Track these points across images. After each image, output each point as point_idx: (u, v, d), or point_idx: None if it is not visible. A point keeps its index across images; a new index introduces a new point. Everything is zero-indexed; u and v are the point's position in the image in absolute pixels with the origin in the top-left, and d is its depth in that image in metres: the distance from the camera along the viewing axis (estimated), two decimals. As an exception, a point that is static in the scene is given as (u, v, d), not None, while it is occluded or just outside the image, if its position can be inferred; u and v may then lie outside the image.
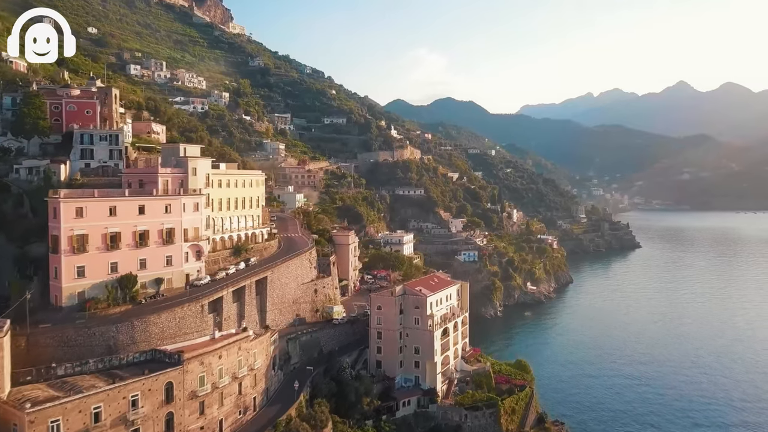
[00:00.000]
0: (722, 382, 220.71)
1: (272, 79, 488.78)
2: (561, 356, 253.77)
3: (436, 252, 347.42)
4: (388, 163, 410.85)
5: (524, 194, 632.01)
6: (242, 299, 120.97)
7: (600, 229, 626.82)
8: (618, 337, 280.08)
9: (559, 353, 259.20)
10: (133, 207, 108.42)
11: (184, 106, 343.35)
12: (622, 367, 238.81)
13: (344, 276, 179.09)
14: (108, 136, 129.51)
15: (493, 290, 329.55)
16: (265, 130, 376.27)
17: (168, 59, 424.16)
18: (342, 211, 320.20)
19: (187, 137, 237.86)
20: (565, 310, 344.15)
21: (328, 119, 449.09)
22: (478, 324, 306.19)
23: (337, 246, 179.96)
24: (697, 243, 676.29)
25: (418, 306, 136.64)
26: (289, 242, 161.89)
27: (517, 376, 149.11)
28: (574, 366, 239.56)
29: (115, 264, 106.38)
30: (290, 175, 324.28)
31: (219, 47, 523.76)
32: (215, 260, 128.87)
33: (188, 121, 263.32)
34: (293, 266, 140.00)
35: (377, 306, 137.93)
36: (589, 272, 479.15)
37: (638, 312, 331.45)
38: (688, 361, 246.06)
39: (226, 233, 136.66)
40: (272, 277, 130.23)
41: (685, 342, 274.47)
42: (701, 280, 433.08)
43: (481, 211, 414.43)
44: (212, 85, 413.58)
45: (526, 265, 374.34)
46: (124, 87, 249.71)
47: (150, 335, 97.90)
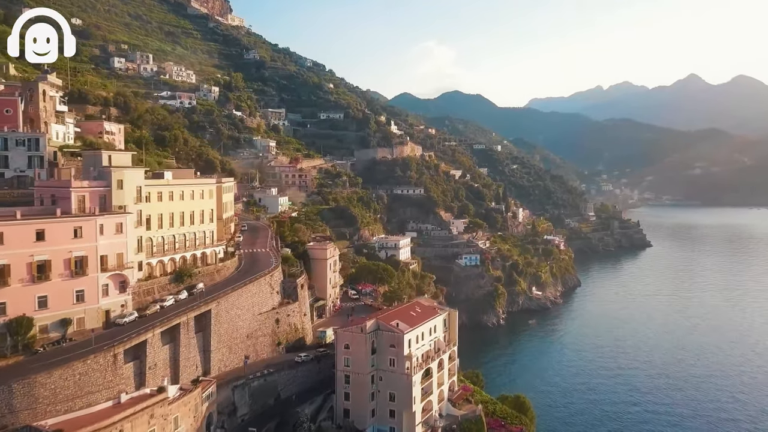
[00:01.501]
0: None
1: (267, 73, 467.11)
2: (567, 375, 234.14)
3: (436, 255, 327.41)
4: (387, 161, 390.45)
5: (531, 191, 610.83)
6: (177, 340, 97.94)
7: (609, 227, 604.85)
8: (629, 352, 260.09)
9: (566, 370, 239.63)
10: (28, 232, 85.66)
11: (170, 101, 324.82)
12: (635, 390, 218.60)
13: (322, 295, 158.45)
14: (26, 141, 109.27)
15: (496, 296, 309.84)
16: (256, 126, 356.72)
17: (157, 52, 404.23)
18: (335, 212, 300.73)
19: (160, 136, 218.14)
20: (572, 317, 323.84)
21: (325, 114, 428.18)
22: (478, 333, 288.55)
23: (312, 261, 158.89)
24: (710, 242, 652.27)
25: (393, 344, 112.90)
26: (253, 260, 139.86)
27: (514, 420, 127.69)
28: (582, 388, 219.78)
29: (3, 305, 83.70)
30: (280, 175, 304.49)
31: (213, 39, 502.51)
32: (148, 290, 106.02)
33: (163, 118, 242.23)
34: (248, 293, 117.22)
35: (344, 344, 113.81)
36: (597, 274, 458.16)
37: (650, 321, 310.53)
38: (711, 383, 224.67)
39: (167, 256, 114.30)
40: (219, 310, 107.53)
41: (704, 357, 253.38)
42: (715, 283, 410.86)
43: (484, 211, 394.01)
44: (202, 79, 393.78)
45: (532, 269, 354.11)
46: (93, 81, 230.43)
47: (36, 401, 73.83)
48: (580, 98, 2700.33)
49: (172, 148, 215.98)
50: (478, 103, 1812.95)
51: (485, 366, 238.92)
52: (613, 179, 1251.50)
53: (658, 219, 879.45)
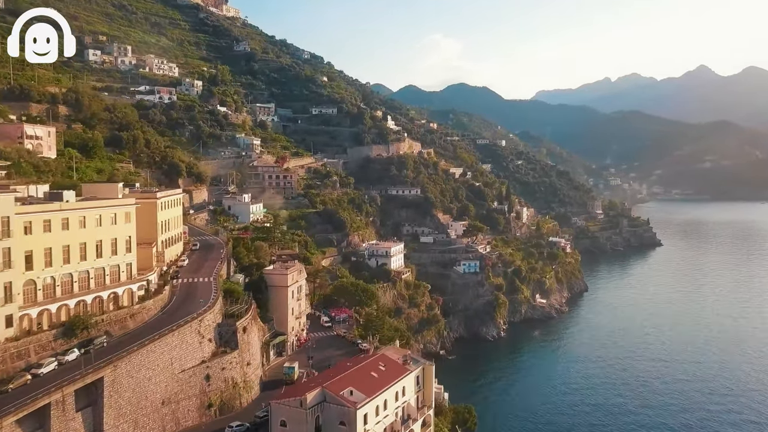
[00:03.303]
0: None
1: (256, 66, 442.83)
2: (574, 397, 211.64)
3: (432, 262, 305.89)
4: (382, 159, 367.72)
5: (536, 188, 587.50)
6: (46, 426, 71.24)
7: (618, 225, 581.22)
8: (641, 371, 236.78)
9: (572, 391, 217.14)
10: None
11: (147, 97, 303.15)
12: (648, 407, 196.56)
13: (282, 328, 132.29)
14: None
15: (497, 306, 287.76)
16: (241, 123, 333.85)
17: (139, 44, 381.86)
18: (322, 216, 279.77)
19: (116, 137, 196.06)
20: (578, 328, 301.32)
21: (317, 109, 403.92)
22: (476, 347, 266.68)
23: (270, 289, 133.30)
24: (723, 239, 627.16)
25: (344, 421, 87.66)
26: (189, 295, 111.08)
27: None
28: (591, 412, 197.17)
29: None
30: (263, 176, 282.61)
31: (203, 30, 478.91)
32: (20, 353, 79.77)
33: (123, 116, 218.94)
34: (165, 347, 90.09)
35: (280, 420, 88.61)
36: (605, 276, 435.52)
37: (662, 332, 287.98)
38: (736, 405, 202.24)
39: (57, 302, 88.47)
40: (118, 375, 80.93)
41: (725, 376, 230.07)
42: (731, 287, 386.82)
43: (485, 212, 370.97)
44: (186, 72, 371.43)
45: (535, 275, 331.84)
46: (44, 76, 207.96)
47: None
48: (587, 90, 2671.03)
49: (131, 151, 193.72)
50: (484, 96, 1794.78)
51: (481, 389, 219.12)
52: (622, 173, 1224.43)
53: (668, 215, 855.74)
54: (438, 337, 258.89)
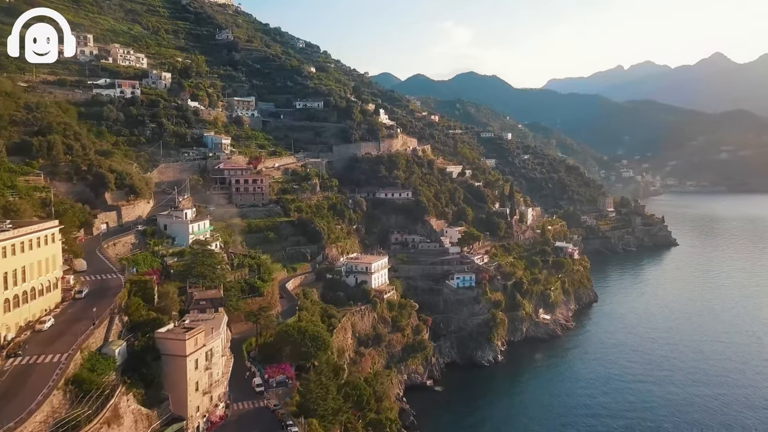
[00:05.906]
0: None
1: (238, 55, 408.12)
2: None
3: (423, 275, 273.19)
4: (370, 158, 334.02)
5: (544, 185, 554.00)
6: None
7: (631, 224, 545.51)
8: (658, 400, 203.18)
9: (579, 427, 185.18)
10: None
11: (106, 91, 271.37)
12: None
13: (180, 410, 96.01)
14: None
15: (494, 326, 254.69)
16: (213, 119, 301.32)
17: (106, 32, 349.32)
18: (296, 227, 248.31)
19: (26, 144, 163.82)
20: (585, 349, 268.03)
21: (301, 103, 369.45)
22: (470, 375, 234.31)
23: (165, 358, 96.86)
24: (742, 238, 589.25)
25: None
26: (8, 392, 74.08)
27: None
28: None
29: None
30: (229, 180, 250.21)
31: (183, 18, 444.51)
32: None
33: (44, 117, 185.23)
34: None
35: None
36: (616, 282, 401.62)
37: (681, 351, 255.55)
38: None
39: None
40: None
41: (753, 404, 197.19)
42: (753, 290, 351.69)
43: (485, 216, 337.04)
44: (157, 63, 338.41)
45: (539, 287, 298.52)
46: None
47: None
48: (600, 78, 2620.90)
49: (46, 159, 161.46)
50: (494, 85, 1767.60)
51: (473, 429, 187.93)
52: (634, 165, 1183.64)
53: (682, 209, 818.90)
54: (425, 365, 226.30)
